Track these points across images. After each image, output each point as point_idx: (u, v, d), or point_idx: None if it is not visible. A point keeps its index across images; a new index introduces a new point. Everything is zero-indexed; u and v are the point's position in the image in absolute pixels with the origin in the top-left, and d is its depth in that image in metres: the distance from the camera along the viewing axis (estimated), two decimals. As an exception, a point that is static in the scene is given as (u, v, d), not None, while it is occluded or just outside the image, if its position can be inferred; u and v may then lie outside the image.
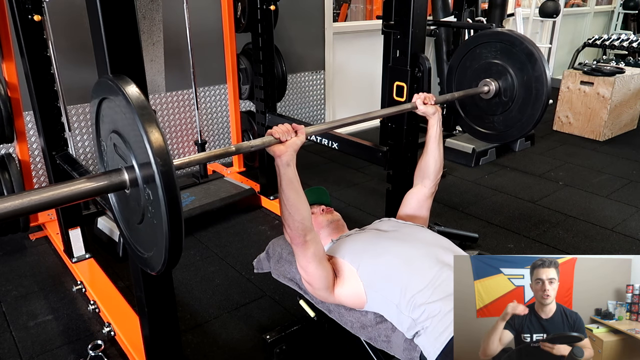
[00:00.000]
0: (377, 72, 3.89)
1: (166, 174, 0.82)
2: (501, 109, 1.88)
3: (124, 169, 0.94)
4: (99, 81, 0.97)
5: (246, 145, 1.27)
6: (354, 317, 1.53)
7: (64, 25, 2.72)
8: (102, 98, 0.97)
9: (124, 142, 0.92)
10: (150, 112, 0.84)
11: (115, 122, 0.95)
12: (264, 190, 3.06)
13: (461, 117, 2.03)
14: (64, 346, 1.90)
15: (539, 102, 1.76)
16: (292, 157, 1.34)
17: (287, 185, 1.35)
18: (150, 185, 0.86)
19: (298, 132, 1.35)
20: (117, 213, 1.10)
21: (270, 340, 1.69)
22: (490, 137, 1.96)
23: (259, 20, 2.72)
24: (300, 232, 1.38)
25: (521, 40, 1.77)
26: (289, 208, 1.36)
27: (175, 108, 3.42)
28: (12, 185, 2.31)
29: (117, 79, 0.89)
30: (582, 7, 7.08)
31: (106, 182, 0.93)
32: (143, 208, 0.93)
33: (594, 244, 2.67)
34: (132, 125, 0.86)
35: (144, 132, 0.82)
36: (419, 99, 1.71)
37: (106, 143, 1.02)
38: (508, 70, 1.81)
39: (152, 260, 0.97)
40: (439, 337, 1.27)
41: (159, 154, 0.82)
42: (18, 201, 0.82)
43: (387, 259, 1.45)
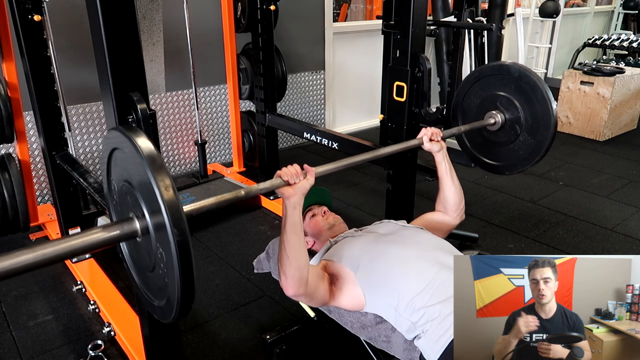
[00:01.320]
0: (377, 72, 3.89)
1: (177, 222, 0.84)
2: (508, 141, 1.85)
3: (135, 218, 0.95)
4: (110, 132, 0.99)
5: (255, 188, 1.26)
6: (354, 317, 1.53)
7: (64, 25, 2.72)
8: (113, 148, 0.99)
9: (134, 192, 0.94)
10: (162, 163, 0.86)
11: (127, 172, 0.96)
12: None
13: (468, 149, 2.01)
14: (64, 346, 1.90)
15: (547, 133, 1.73)
16: (300, 200, 1.33)
17: (291, 228, 1.33)
18: (161, 233, 0.87)
19: (307, 174, 1.34)
20: (129, 260, 1.11)
21: (270, 340, 1.69)
22: (498, 168, 1.93)
23: (259, 20, 2.72)
24: (296, 283, 1.35)
25: (526, 72, 1.75)
26: (289, 252, 1.33)
27: (175, 108, 3.42)
28: (12, 185, 2.31)
29: (128, 131, 0.90)
30: (582, 7, 7.08)
31: (118, 231, 0.94)
32: (154, 257, 0.94)
33: (594, 244, 2.67)
34: (143, 176, 0.87)
35: (155, 183, 0.83)
36: (425, 136, 1.68)
37: (117, 191, 1.04)
38: (513, 102, 1.79)
39: (164, 309, 0.97)
40: (438, 340, 1.27)
41: (170, 202, 0.83)
42: (31, 255, 0.83)
43: (384, 262, 1.45)
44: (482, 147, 1.96)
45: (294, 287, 1.35)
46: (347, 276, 1.48)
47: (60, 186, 2.21)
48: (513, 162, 1.87)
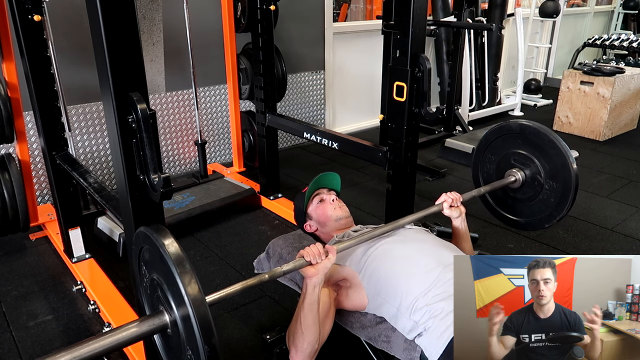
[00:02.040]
0: (377, 72, 3.89)
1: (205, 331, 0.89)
2: (532, 197, 1.85)
3: (165, 312, 1.01)
4: (139, 232, 1.06)
5: (279, 271, 1.28)
6: (354, 317, 1.53)
7: (64, 25, 2.72)
8: (142, 247, 1.07)
9: (164, 288, 0.99)
10: (186, 264, 0.94)
11: (156, 268, 1.03)
12: (264, 190, 3.06)
13: (493, 208, 2.02)
14: (64, 346, 1.90)
15: (568, 190, 1.73)
16: (321, 279, 1.35)
17: (309, 306, 1.36)
18: (189, 332, 0.93)
19: (329, 252, 1.36)
20: (162, 352, 1.16)
21: (270, 340, 1.69)
22: (525, 225, 1.93)
23: (259, 20, 2.72)
24: (307, 356, 1.38)
25: (544, 132, 1.76)
26: (303, 329, 1.36)
27: (175, 108, 3.42)
28: (12, 185, 2.31)
29: (155, 232, 0.98)
30: (582, 7, 7.08)
31: (150, 326, 1.01)
32: (184, 352, 0.99)
33: (594, 244, 2.67)
34: (171, 277, 0.94)
35: (182, 285, 0.91)
36: (445, 202, 1.69)
37: (148, 281, 1.10)
38: (533, 160, 1.80)
39: None
40: (440, 337, 1.27)
41: (197, 307, 0.90)
42: (69, 356, 0.88)
43: (388, 263, 1.46)
44: (507, 204, 1.97)
45: (305, 357, 1.39)
46: (353, 278, 1.49)
47: (60, 186, 2.21)
48: (539, 217, 1.87)
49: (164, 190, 1.17)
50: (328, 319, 1.46)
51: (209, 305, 0.95)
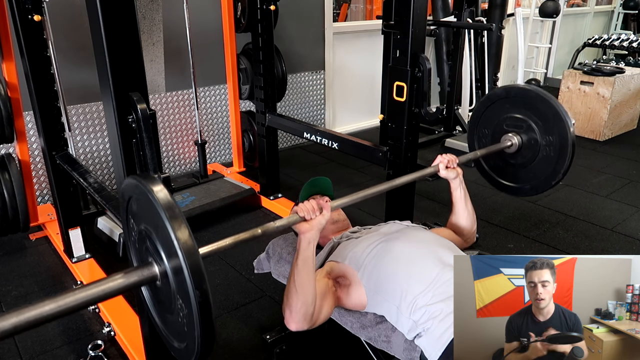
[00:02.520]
0: (377, 72, 3.89)
1: (196, 275, 0.85)
2: (519, 165, 1.84)
3: (154, 263, 0.97)
4: (127, 181, 1.01)
5: (272, 226, 1.26)
6: (354, 317, 1.53)
7: (64, 25, 2.72)
8: (130, 196, 1.02)
9: (153, 238, 0.96)
10: (177, 210, 0.88)
11: (144, 218, 0.99)
12: (264, 190, 3.06)
13: (487, 172, 2.00)
14: (64, 346, 1.90)
15: (565, 139, 1.71)
16: (316, 236, 1.34)
17: (302, 263, 1.33)
18: (182, 289, 0.89)
19: (323, 209, 1.34)
20: (149, 302, 1.12)
21: (270, 340, 1.69)
22: (518, 190, 1.92)
23: (259, 20, 2.72)
24: (301, 318, 1.35)
25: (543, 96, 1.74)
26: (297, 286, 1.34)
27: (175, 108, 3.42)
28: (12, 185, 2.31)
29: (144, 180, 0.93)
30: (582, 7, 7.08)
31: (138, 277, 0.96)
32: (173, 302, 0.96)
33: (594, 244, 2.67)
34: (160, 224, 0.89)
35: (174, 235, 0.86)
36: (441, 163, 1.68)
37: (137, 233, 1.06)
38: (530, 125, 1.78)
39: (186, 351, 0.98)
40: (440, 338, 1.27)
41: (189, 256, 0.85)
42: (54, 305, 0.84)
43: (387, 261, 1.45)
44: (502, 170, 1.94)
45: (298, 322, 1.35)
46: (352, 276, 1.48)
47: (60, 186, 2.21)
48: (534, 183, 1.85)
49: (164, 190, 1.17)
50: (326, 302, 1.44)
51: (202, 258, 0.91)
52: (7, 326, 0.77)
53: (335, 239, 1.72)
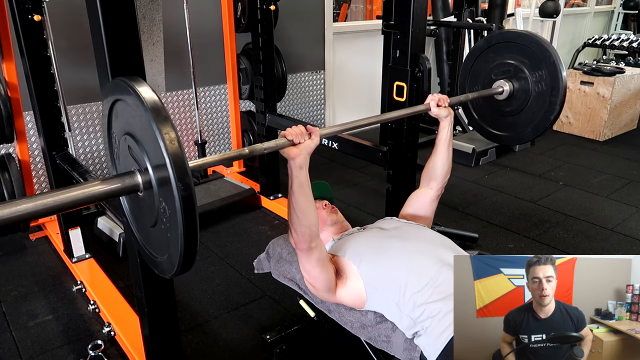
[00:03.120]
0: (377, 72, 3.89)
1: (182, 177, 0.80)
2: (515, 110, 1.83)
3: (137, 172, 0.92)
4: (112, 81, 0.95)
5: (259, 147, 1.25)
6: (354, 317, 1.53)
7: (64, 25, 2.72)
8: (115, 99, 0.95)
9: (137, 145, 0.90)
10: (165, 113, 0.82)
11: (129, 124, 0.92)
12: (264, 190, 3.06)
13: (474, 119, 1.99)
14: (64, 346, 1.90)
15: (555, 102, 1.71)
16: (305, 160, 1.32)
17: (298, 189, 1.33)
18: (165, 189, 0.84)
19: (312, 134, 1.34)
20: (129, 215, 1.08)
21: (270, 340, 1.69)
22: (504, 138, 1.91)
23: (259, 20, 2.72)
24: (307, 238, 1.36)
25: (538, 40, 1.73)
26: (298, 212, 1.34)
27: (175, 108, 3.42)
28: (12, 185, 2.31)
29: (130, 80, 0.86)
30: (582, 7, 7.08)
31: (119, 184, 0.91)
32: (157, 211, 0.91)
33: (594, 244, 2.67)
34: (146, 127, 0.83)
35: (159, 134, 0.79)
36: (432, 101, 1.67)
37: (119, 144, 1.00)
38: (523, 71, 1.77)
39: (165, 264, 0.96)
40: (439, 337, 1.27)
41: (175, 156, 0.80)
42: (31, 204, 0.80)
43: (387, 258, 1.45)
44: (489, 117, 1.94)
45: (306, 240, 1.35)
46: (350, 270, 1.48)
47: (60, 186, 2.21)
48: (520, 132, 1.85)
49: (164, 189, 1.16)
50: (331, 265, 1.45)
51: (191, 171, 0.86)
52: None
53: (335, 238, 1.72)
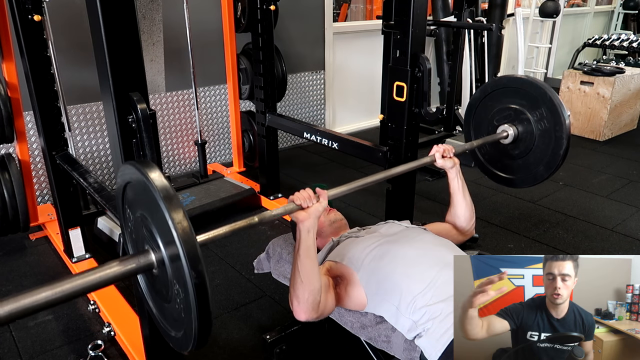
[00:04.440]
0: (377, 72, 3.89)
1: (194, 265, 0.84)
2: (524, 151, 1.84)
3: (151, 250, 0.96)
4: (124, 166, 1.00)
5: (269, 215, 1.25)
6: (354, 317, 1.53)
7: (64, 25, 2.72)
8: (127, 182, 1.01)
9: (150, 225, 0.95)
10: (174, 196, 0.87)
11: (141, 205, 0.98)
12: (264, 190, 3.06)
13: (486, 167, 2.00)
14: (64, 346, 1.90)
15: (561, 137, 1.72)
16: (314, 224, 1.33)
17: (304, 252, 1.33)
18: (178, 272, 0.88)
19: (320, 197, 1.35)
20: (146, 292, 1.11)
21: (270, 340, 1.69)
22: (519, 181, 1.91)
23: (259, 20, 2.72)
24: (309, 308, 1.35)
25: (530, 81, 1.76)
26: (302, 276, 1.33)
27: (175, 108, 3.42)
28: (12, 185, 2.31)
29: (141, 165, 0.92)
30: (582, 7, 7.08)
31: (134, 265, 0.95)
32: (171, 290, 0.95)
33: (594, 244, 2.67)
34: (157, 209, 0.88)
35: (170, 217, 0.85)
36: (437, 152, 1.68)
37: (132, 220, 1.05)
38: (523, 112, 1.79)
39: (181, 340, 0.98)
40: (440, 339, 1.27)
41: (184, 238, 0.85)
42: (50, 292, 0.84)
43: (386, 262, 1.45)
44: (497, 161, 1.95)
45: (307, 311, 1.35)
46: (350, 276, 1.48)
47: (60, 186, 2.21)
48: (529, 174, 1.85)
49: (164, 190, 1.16)
50: (329, 295, 1.44)
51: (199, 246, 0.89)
52: (3, 313, 0.77)
53: (335, 239, 1.72)
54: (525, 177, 1.88)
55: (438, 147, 1.70)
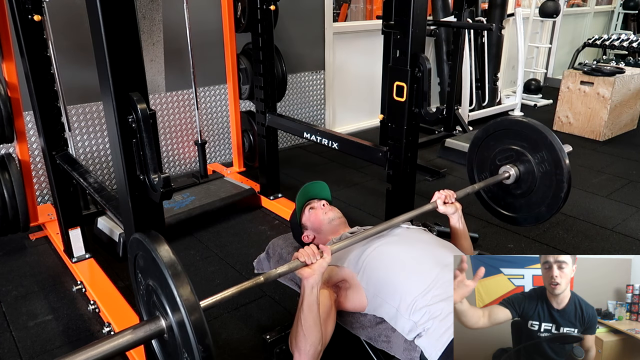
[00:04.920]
0: (377, 72, 3.89)
1: (201, 339, 0.91)
2: (526, 192, 1.86)
3: (161, 317, 1.02)
4: (132, 239, 1.08)
5: (274, 273, 1.28)
6: (354, 317, 1.53)
7: (64, 25, 2.72)
8: (137, 253, 1.09)
9: (158, 293, 1.00)
10: (179, 268, 0.95)
11: (151, 274, 1.04)
12: (264, 190, 3.06)
13: (490, 206, 2.03)
14: (64, 346, 1.90)
15: (561, 180, 1.75)
16: (318, 280, 1.34)
17: (308, 308, 1.35)
18: (186, 344, 0.94)
19: (324, 253, 1.35)
20: (160, 357, 1.16)
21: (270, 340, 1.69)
22: (521, 220, 1.94)
23: (259, 20, 2.72)
24: (310, 358, 1.37)
25: (531, 125, 1.79)
26: (305, 330, 1.35)
27: (175, 108, 3.42)
28: (12, 185, 2.31)
29: (149, 239, 0.99)
30: (582, 7, 7.08)
31: (146, 333, 1.01)
32: (180, 353, 0.99)
33: (594, 244, 2.67)
34: (163, 280, 0.95)
35: (175, 289, 0.92)
36: (439, 199, 1.68)
37: (144, 287, 1.11)
38: (525, 154, 1.81)
39: None
40: (440, 338, 1.27)
41: (189, 308, 0.92)
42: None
43: (386, 264, 1.46)
44: (501, 199, 1.97)
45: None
46: (351, 279, 1.48)
47: (60, 186, 2.21)
48: (531, 214, 1.88)
49: (164, 190, 1.17)
50: (330, 320, 1.45)
51: (204, 310, 0.96)
52: None
53: (335, 238, 1.72)
54: (528, 216, 1.91)
55: (440, 193, 1.70)
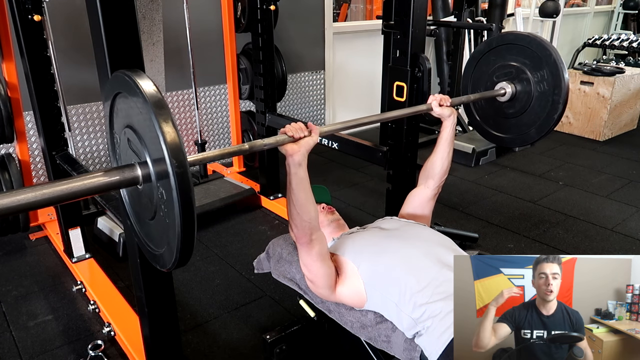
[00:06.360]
0: (377, 72, 3.89)
1: (181, 172, 0.82)
2: (518, 112, 1.84)
3: (137, 165, 0.93)
4: (114, 75, 0.96)
5: (259, 143, 1.25)
6: (354, 317, 1.53)
7: (64, 25, 2.72)
8: (116, 92, 0.96)
9: (138, 138, 0.91)
10: (166, 109, 0.83)
11: (130, 117, 0.94)
12: (264, 190, 3.06)
13: (477, 121, 2.00)
14: (64, 346, 1.90)
15: (557, 102, 1.71)
16: (304, 156, 1.32)
17: (298, 185, 1.34)
18: (164, 182, 0.85)
19: (312, 131, 1.34)
20: (128, 208, 1.09)
21: (270, 340, 1.69)
22: (508, 140, 1.92)
23: (259, 20, 2.72)
24: (307, 232, 1.38)
25: (538, 41, 1.74)
26: (298, 208, 1.35)
27: (175, 108, 3.42)
28: (12, 185, 2.31)
29: (133, 74, 0.87)
30: (582, 7, 7.08)
31: (118, 177, 0.92)
32: (155, 205, 0.92)
33: (594, 244, 2.67)
34: (147, 121, 0.85)
35: (159, 129, 0.81)
36: (434, 101, 1.68)
37: (119, 137, 1.01)
38: (524, 72, 1.78)
39: (163, 257, 0.97)
40: (440, 337, 1.27)
41: (174, 151, 0.81)
42: (31, 194, 0.82)
43: (387, 258, 1.45)
44: (490, 118, 1.94)
45: (306, 234, 1.37)
46: (350, 270, 1.48)
47: (60, 186, 2.21)
48: (519, 135, 1.85)
49: (164, 189, 1.16)
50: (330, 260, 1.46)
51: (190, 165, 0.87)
52: None
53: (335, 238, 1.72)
54: (516, 137, 1.88)
55: (435, 96, 1.69)
